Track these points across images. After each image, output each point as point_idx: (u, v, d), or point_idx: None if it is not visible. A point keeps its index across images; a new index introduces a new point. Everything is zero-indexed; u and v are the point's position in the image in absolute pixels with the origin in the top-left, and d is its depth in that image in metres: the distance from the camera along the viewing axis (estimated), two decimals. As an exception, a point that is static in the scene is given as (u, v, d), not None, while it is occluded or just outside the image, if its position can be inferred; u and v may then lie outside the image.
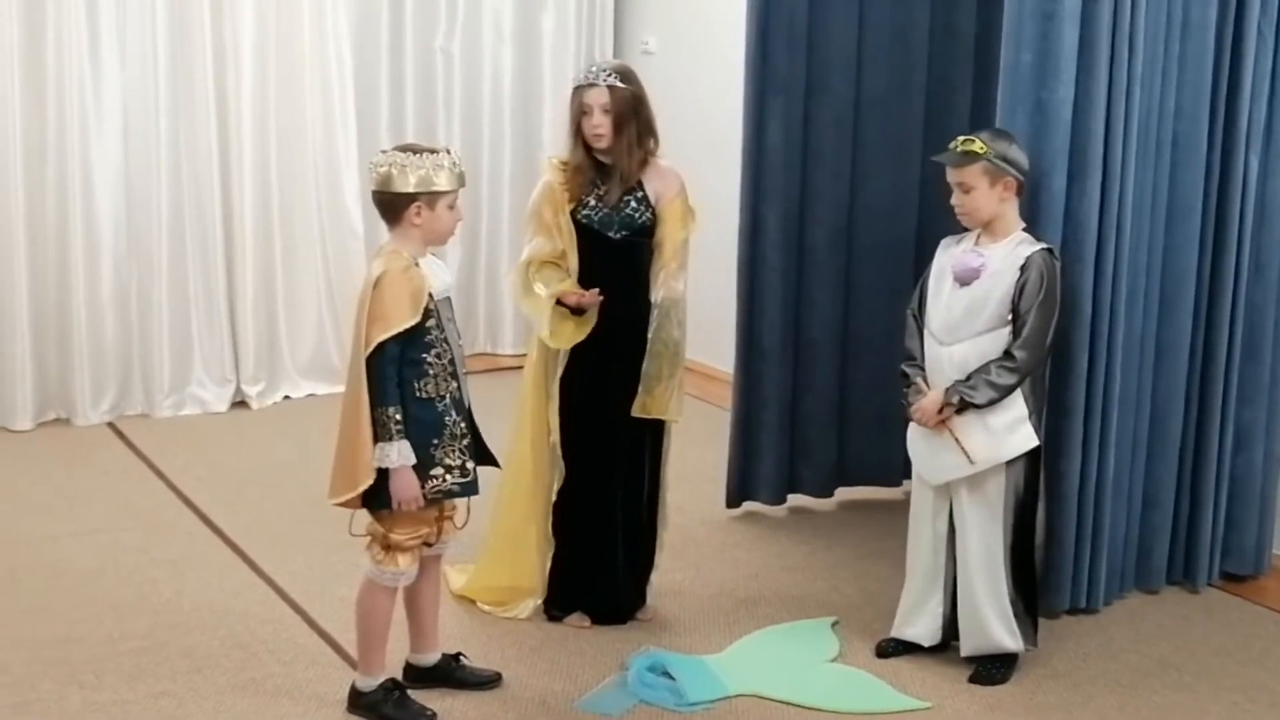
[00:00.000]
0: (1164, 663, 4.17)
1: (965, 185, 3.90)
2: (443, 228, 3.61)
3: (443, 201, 3.57)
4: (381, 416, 3.46)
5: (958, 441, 3.88)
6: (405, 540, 3.60)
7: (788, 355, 5.27)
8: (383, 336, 3.45)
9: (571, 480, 4.20)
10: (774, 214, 5.16)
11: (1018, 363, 3.83)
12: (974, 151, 3.85)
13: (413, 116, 7.16)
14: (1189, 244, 4.43)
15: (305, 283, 6.82)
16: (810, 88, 5.16)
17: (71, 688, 3.84)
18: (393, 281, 3.47)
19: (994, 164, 3.85)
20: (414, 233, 3.57)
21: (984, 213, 3.90)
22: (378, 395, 3.46)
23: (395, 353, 3.47)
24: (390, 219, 3.59)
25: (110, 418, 6.37)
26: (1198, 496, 4.65)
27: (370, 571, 3.67)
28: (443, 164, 3.55)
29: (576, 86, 4.11)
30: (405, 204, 3.53)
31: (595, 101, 4.04)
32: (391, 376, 3.47)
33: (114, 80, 6.27)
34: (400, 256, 3.53)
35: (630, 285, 4.14)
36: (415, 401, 3.52)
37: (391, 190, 3.53)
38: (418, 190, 3.52)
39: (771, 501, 5.36)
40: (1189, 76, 4.34)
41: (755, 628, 4.31)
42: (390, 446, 3.47)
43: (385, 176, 3.53)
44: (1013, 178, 3.88)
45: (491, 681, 3.90)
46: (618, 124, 4.06)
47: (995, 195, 3.88)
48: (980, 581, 3.96)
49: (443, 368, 3.56)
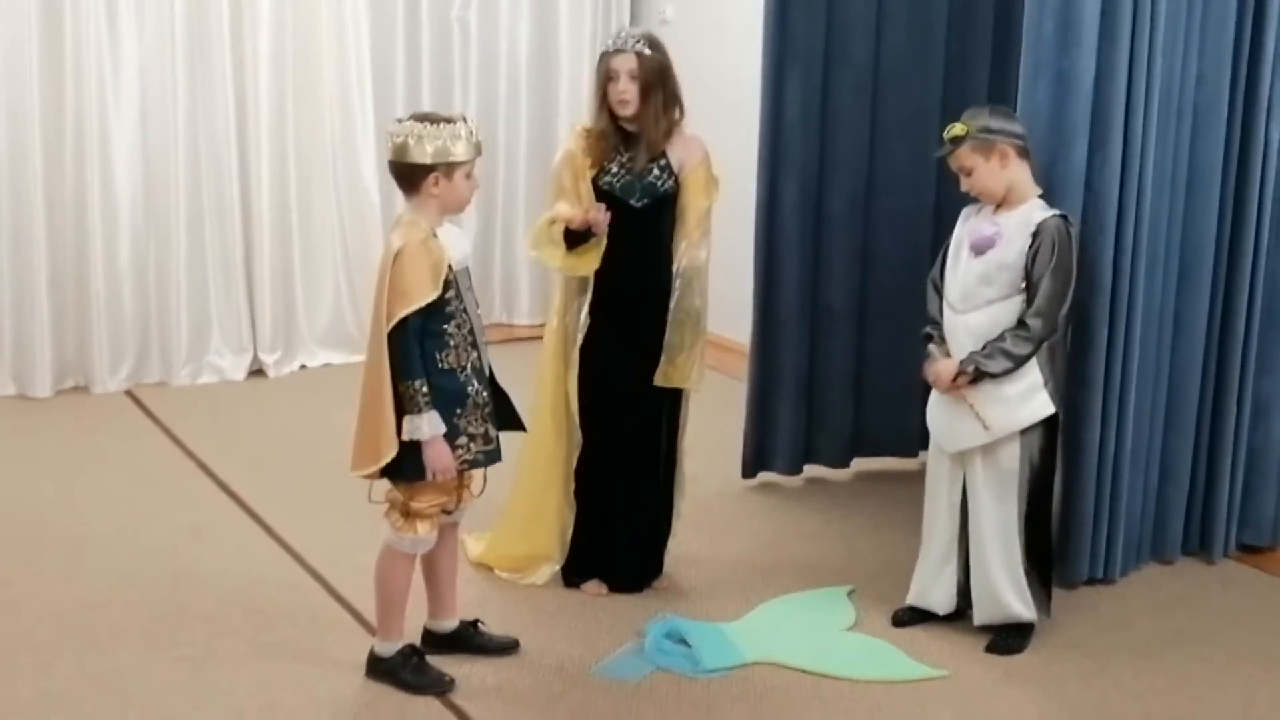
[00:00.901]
0: (1180, 633, 4.17)
1: (964, 168, 3.91)
2: (460, 197, 3.60)
3: (460, 171, 3.55)
4: (409, 390, 3.47)
5: (974, 409, 3.88)
6: (426, 508, 3.62)
7: (805, 325, 5.26)
8: (404, 312, 3.45)
9: (590, 448, 4.21)
10: (792, 183, 5.14)
11: (1031, 331, 3.82)
12: (956, 135, 3.86)
13: (429, 87, 7.14)
14: (1209, 213, 4.41)
15: (322, 252, 6.83)
16: (829, 56, 5.14)
17: (91, 652, 3.87)
18: (413, 255, 3.46)
19: (979, 138, 3.85)
20: (431, 203, 3.56)
21: (994, 187, 3.90)
22: (403, 369, 3.47)
23: (417, 326, 3.47)
24: (407, 189, 3.58)
25: (128, 385, 6.39)
26: (1215, 467, 4.64)
27: (389, 539, 3.68)
28: (459, 133, 3.53)
29: (604, 53, 4.09)
30: (422, 175, 3.52)
31: (622, 68, 4.03)
32: (415, 350, 3.47)
33: (131, 52, 6.27)
34: (418, 227, 3.53)
35: (652, 253, 4.14)
36: (438, 372, 3.52)
37: (408, 161, 3.52)
38: (435, 161, 3.50)
39: (788, 472, 5.36)
40: (1210, 44, 4.31)
41: (771, 596, 4.32)
42: (420, 419, 3.47)
43: (402, 147, 3.52)
44: (1005, 144, 3.87)
45: (509, 647, 3.91)
46: (644, 91, 4.05)
47: (995, 167, 3.88)
48: (994, 550, 3.96)
49: (463, 338, 3.57)
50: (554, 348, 4.24)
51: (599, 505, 4.27)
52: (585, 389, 4.20)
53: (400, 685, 3.69)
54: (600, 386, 4.19)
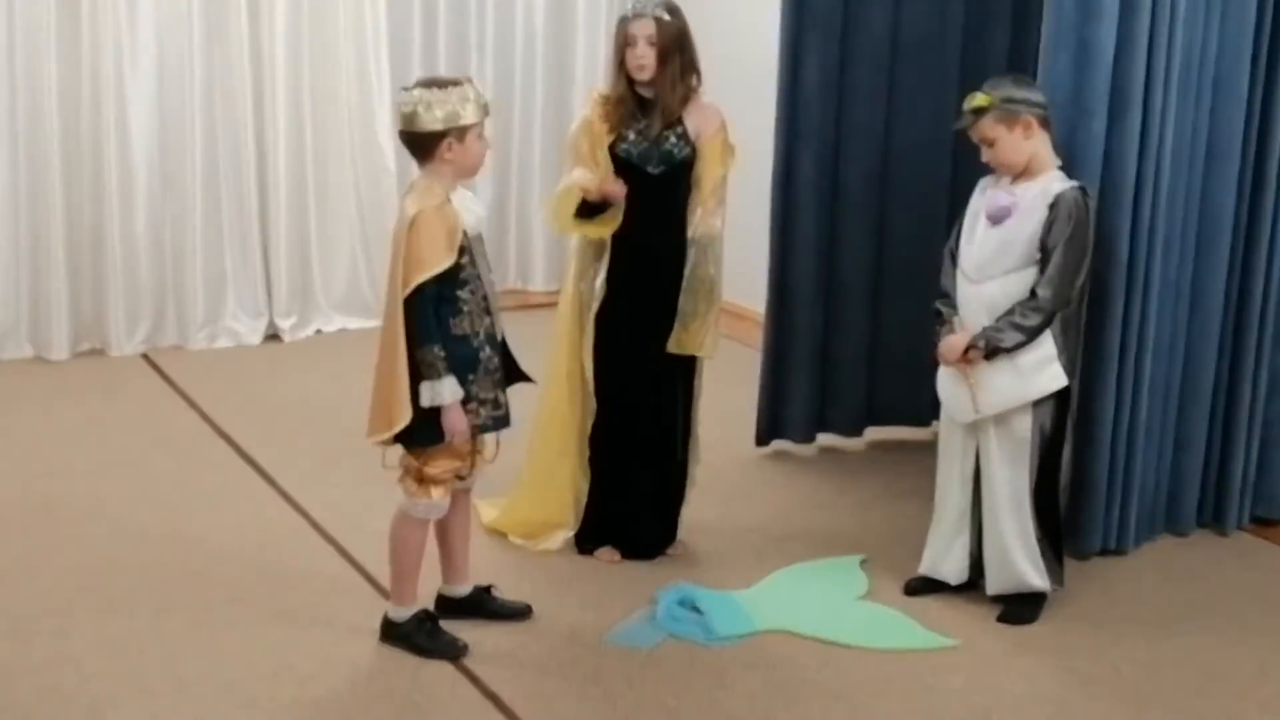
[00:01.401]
0: (1193, 606, 4.18)
1: (986, 139, 3.88)
2: (474, 159, 3.60)
3: (472, 133, 3.55)
4: (427, 355, 3.48)
5: (970, 387, 3.88)
6: (440, 474, 3.63)
7: (819, 295, 5.26)
8: (420, 278, 3.45)
9: (604, 415, 4.22)
10: (808, 153, 5.13)
11: (1040, 301, 3.81)
12: (980, 106, 3.83)
13: (445, 51, 7.12)
14: (1228, 186, 4.39)
15: (338, 217, 6.83)
16: (847, 25, 5.11)
17: (107, 616, 3.89)
18: (428, 221, 3.46)
19: (1003, 109, 3.82)
20: (446, 168, 3.55)
21: (1017, 159, 3.88)
22: (420, 335, 3.48)
23: (433, 293, 3.48)
24: (421, 156, 3.58)
25: (144, 349, 6.41)
26: (1229, 440, 4.63)
27: (403, 504, 3.70)
28: (468, 95, 3.52)
29: (623, 18, 4.07)
30: (435, 141, 3.51)
31: (641, 33, 4.02)
32: (431, 316, 3.48)
33: (148, 16, 6.26)
34: (433, 193, 3.53)
35: (667, 221, 4.14)
36: (450, 339, 3.53)
37: (420, 129, 3.50)
38: (446, 126, 3.49)
39: (801, 440, 5.37)
40: (1232, 17, 4.28)
41: (784, 564, 4.34)
42: (441, 384, 3.49)
43: (411, 115, 3.50)
44: (1029, 115, 3.84)
45: (522, 613, 3.93)
46: (662, 57, 4.04)
47: (1018, 138, 3.85)
48: (1007, 519, 3.97)
49: (477, 303, 3.57)
50: (569, 315, 4.24)
51: (613, 472, 4.28)
52: (601, 356, 4.20)
53: (414, 650, 3.72)
54: (616, 354, 4.20)
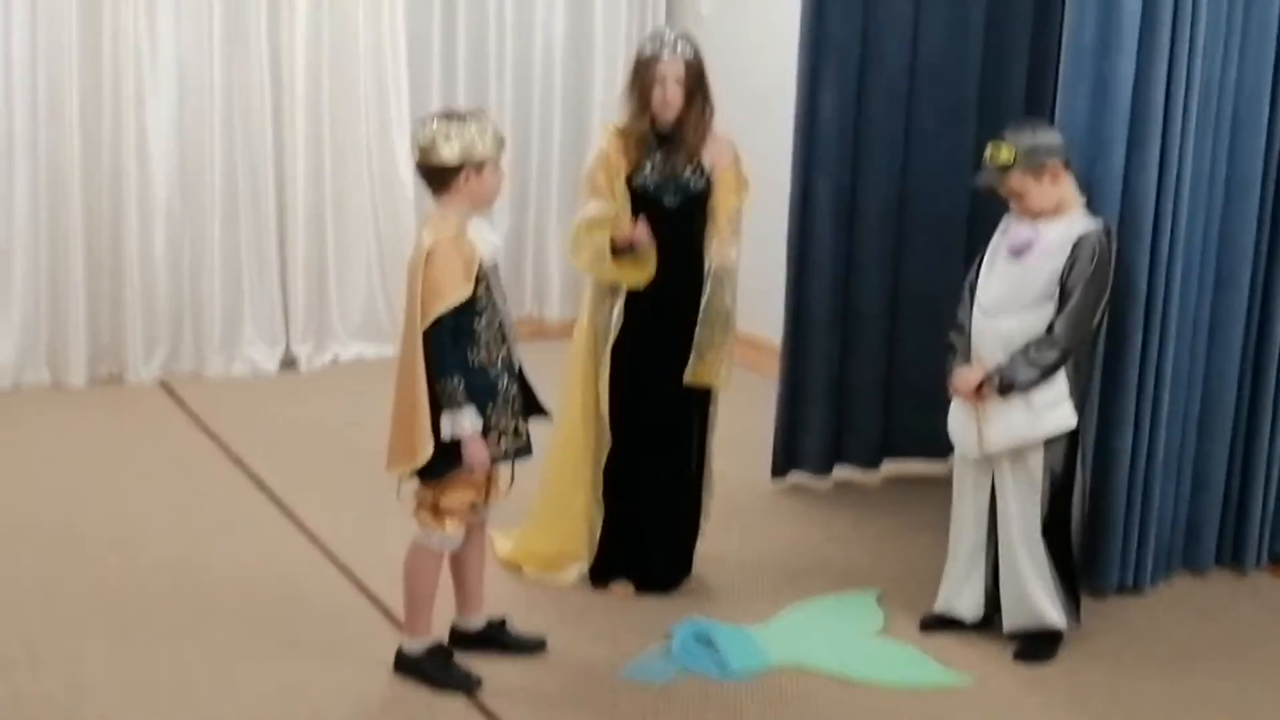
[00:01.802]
0: (1210, 645, 4.15)
1: (1015, 192, 3.86)
2: (489, 192, 3.61)
3: (488, 166, 3.56)
4: (447, 386, 3.48)
5: (978, 422, 3.86)
6: (456, 505, 3.63)
7: (836, 326, 5.25)
8: (440, 310, 3.45)
9: (620, 448, 4.21)
10: (825, 183, 5.13)
11: (1056, 337, 3.79)
12: (1006, 164, 3.81)
13: (464, 80, 7.16)
14: (1247, 221, 4.38)
15: (356, 245, 6.85)
16: (865, 56, 5.12)
17: (121, 643, 3.89)
18: (444, 253, 3.47)
19: (1029, 162, 3.81)
20: (461, 200, 3.56)
21: (1046, 206, 3.86)
22: (440, 367, 3.48)
23: (451, 324, 3.48)
24: (437, 188, 3.58)
25: (161, 375, 6.43)
26: (1249, 477, 4.60)
27: (418, 536, 3.69)
28: (485, 129, 3.54)
29: (651, 57, 4.06)
30: (452, 174, 3.52)
31: (669, 74, 4.04)
32: (450, 347, 3.48)
33: (169, 41, 6.30)
34: (449, 224, 3.53)
35: (684, 252, 4.15)
36: (469, 369, 3.53)
37: (436, 162, 3.51)
38: (463, 160, 3.50)
39: (817, 473, 5.35)
40: (1252, 51, 4.28)
41: (799, 598, 4.31)
42: (460, 415, 3.49)
43: (428, 149, 3.51)
44: (1053, 162, 3.83)
45: (536, 646, 3.92)
46: (689, 96, 4.07)
47: (1046, 186, 3.84)
48: (1024, 556, 3.94)
49: (494, 333, 3.58)
50: (584, 346, 4.24)
51: (628, 505, 4.27)
52: (617, 388, 4.20)
53: (428, 682, 3.70)
54: (632, 385, 4.19)
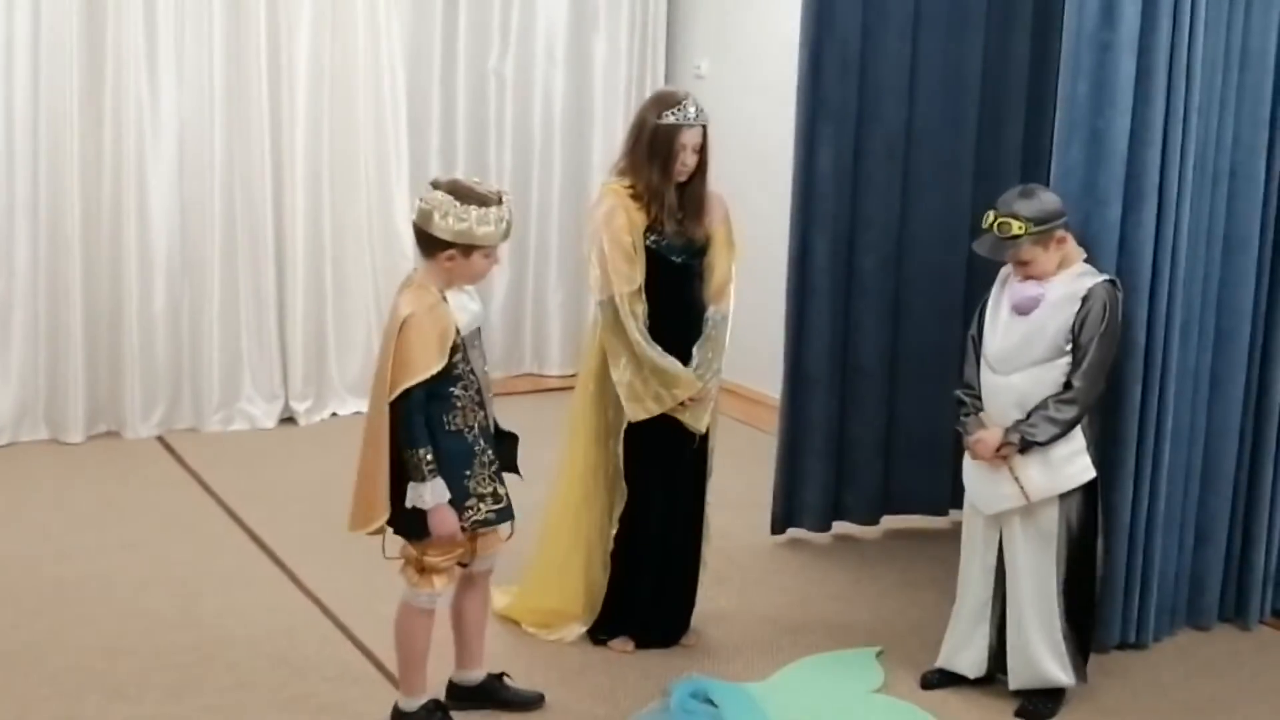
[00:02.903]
0: (1214, 701, 4.12)
1: (1021, 261, 3.86)
2: (473, 274, 3.57)
3: (478, 252, 3.52)
4: (413, 459, 3.46)
5: (1015, 479, 3.84)
6: (440, 562, 3.61)
7: (835, 382, 5.25)
8: (408, 383, 3.43)
9: (631, 504, 4.21)
10: (823, 240, 5.14)
11: (1076, 394, 3.79)
12: (1014, 235, 3.81)
13: (464, 138, 7.19)
14: (1246, 275, 4.39)
15: (355, 302, 6.86)
16: (861, 114, 5.14)
17: (116, 700, 3.86)
18: (419, 325, 3.43)
19: (1037, 234, 3.81)
20: (444, 276, 3.54)
21: (1050, 270, 3.87)
22: (406, 438, 3.45)
23: (421, 398, 3.46)
24: (424, 252, 3.56)
25: (159, 431, 6.42)
26: (1251, 532, 4.59)
27: (406, 594, 3.67)
28: (488, 218, 3.47)
29: (675, 125, 4.06)
30: (440, 247, 3.50)
31: (693, 142, 4.08)
32: (419, 419, 3.46)
33: (170, 100, 6.33)
34: (428, 291, 3.51)
35: (691, 307, 4.20)
36: (445, 435, 3.51)
37: (429, 231, 3.49)
38: (454, 240, 3.47)
39: (817, 528, 5.33)
40: (1247, 106, 4.30)
41: (799, 656, 4.29)
42: (423, 487, 3.46)
43: (426, 215, 3.48)
44: (1059, 227, 3.84)
45: (534, 703, 3.89)
46: (701, 160, 4.13)
47: (1053, 252, 3.85)
48: (1032, 614, 3.92)
49: (470, 399, 3.56)
50: (588, 405, 4.23)
51: (635, 563, 4.26)
52: (629, 445, 4.20)
53: None
54: (642, 443, 4.19)
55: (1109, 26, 4.02)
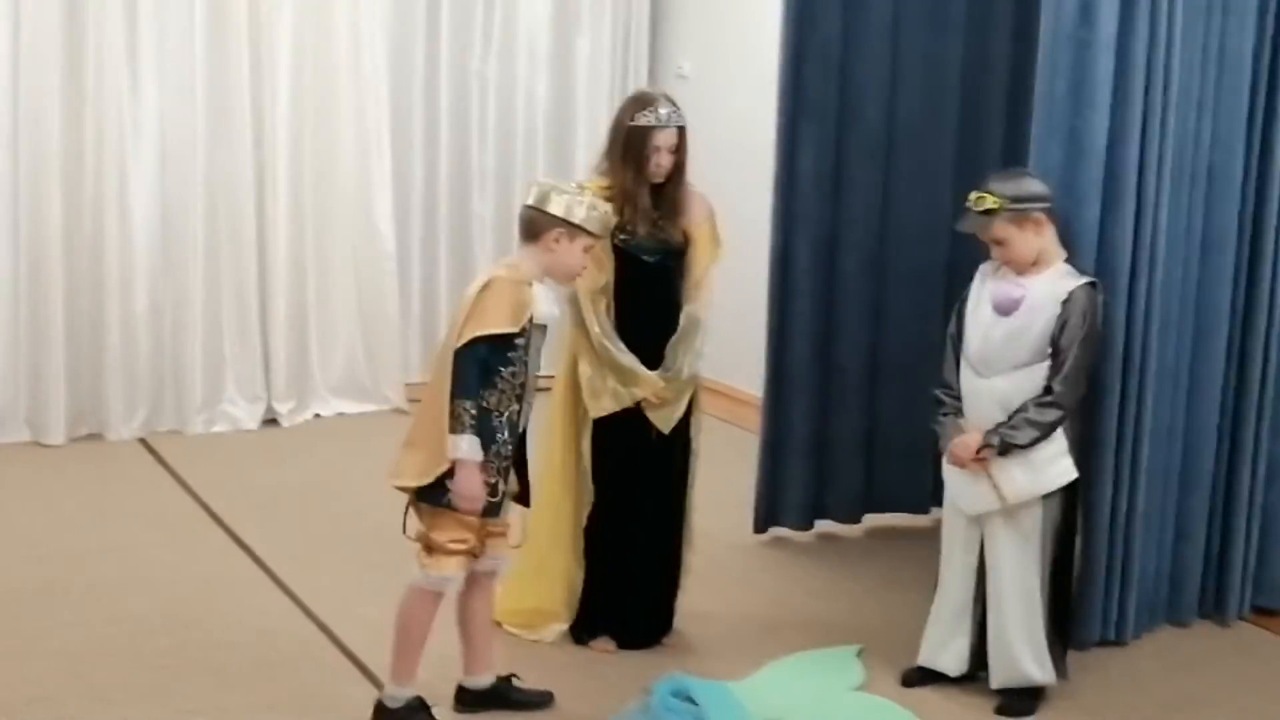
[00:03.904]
0: (1193, 698, 4.14)
1: (997, 239, 3.88)
2: (571, 264, 3.67)
3: (581, 240, 3.63)
4: (458, 408, 3.49)
5: (993, 482, 3.86)
6: (448, 542, 3.60)
7: (817, 381, 5.26)
8: (477, 333, 3.49)
9: (602, 505, 4.21)
10: (805, 240, 5.16)
11: (1057, 397, 3.80)
12: (990, 209, 3.83)
13: (446, 139, 7.20)
14: (1223, 275, 4.41)
15: (337, 302, 6.86)
16: (843, 114, 5.16)
17: (98, 703, 3.85)
18: (502, 288, 3.54)
19: (1014, 210, 3.83)
20: (544, 257, 3.63)
21: (1027, 256, 3.88)
22: (459, 387, 3.50)
23: (483, 353, 3.51)
24: (528, 236, 3.65)
25: (142, 433, 6.41)
26: (1229, 529, 4.61)
27: (416, 576, 3.66)
28: (597, 208, 3.65)
29: (649, 127, 4.08)
30: (548, 226, 3.60)
31: (666, 144, 4.09)
32: (475, 373, 3.51)
33: (152, 100, 6.33)
34: (518, 270, 3.61)
35: (664, 307, 4.19)
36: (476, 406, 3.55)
37: (543, 209, 3.61)
38: (567, 218, 3.59)
39: (799, 527, 5.35)
40: (1225, 106, 4.33)
41: (780, 654, 4.30)
42: (461, 438, 3.49)
43: (544, 194, 3.63)
44: (1037, 211, 3.86)
45: (544, 702, 3.90)
46: (678, 162, 4.13)
47: (1029, 235, 3.86)
48: (1013, 613, 3.93)
49: (512, 387, 3.59)
50: (564, 405, 4.24)
51: (610, 562, 4.26)
52: (600, 444, 4.21)
53: None
54: (612, 440, 4.20)
55: (1087, 26, 4.04)
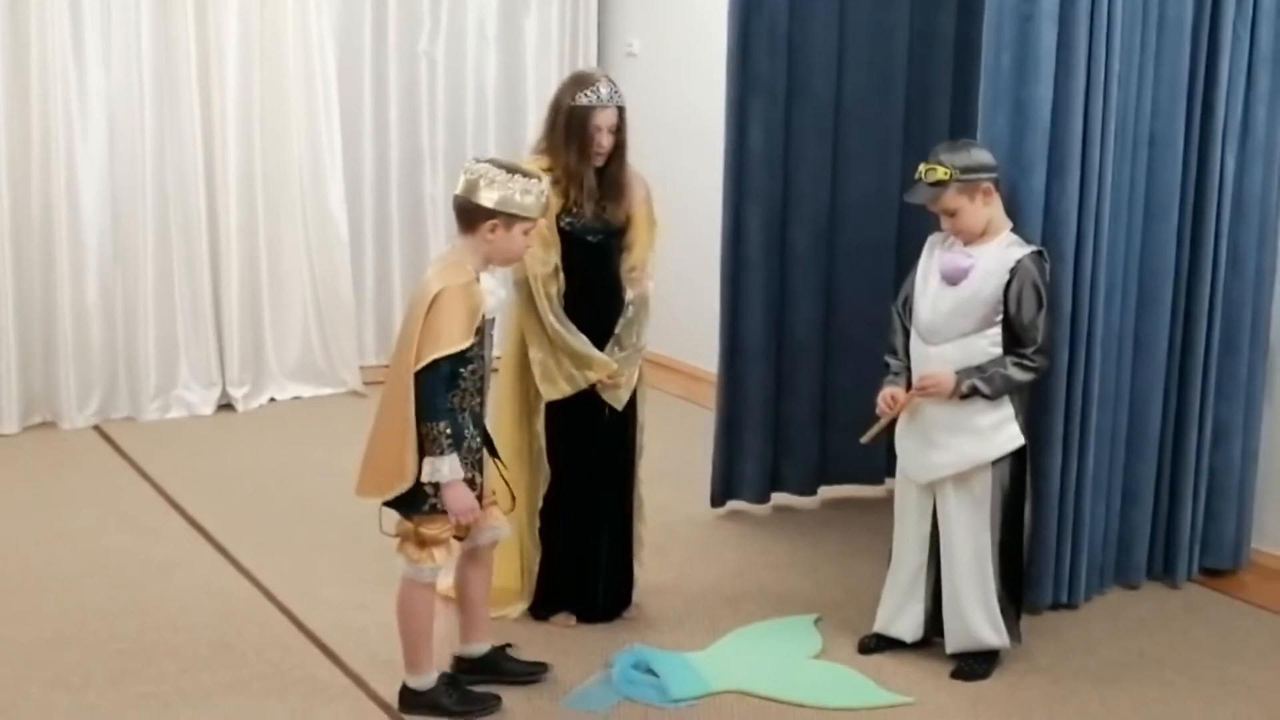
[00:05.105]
0: (1144, 657, 4.21)
1: (948, 210, 3.92)
2: (512, 250, 3.64)
3: (520, 225, 3.59)
4: (432, 432, 3.48)
5: (887, 420, 3.95)
6: (438, 533, 3.62)
7: (770, 355, 5.30)
8: (436, 355, 3.46)
9: (556, 483, 4.24)
10: (756, 215, 5.19)
11: (1036, 364, 3.88)
12: (941, 180, 3.87)
13: (396, 120, 7.17)
14: (1167, 240, 4.47)
15: (291, 286, 6.84)
16: (791, 90, 5.19)
17: (58, 690, 3.85)
18: (452, 300, 3.48)
19: (963, 180, 3.87)
20: (484, 248, 3.59)
21: (977, 226, 3.92)
22: (428, 411, 3.48)
23: (446, 371, 3.49)
24: (465, 227, 3.61)
25: (96, 421, 6.38)
26: (1177, 492, 4.68)
27: (408, 571, 3.67)
28: (531, 189, 3.57)
29: (587, 106, 4.08)
30: (482, 218, 3.56)
31: (606, 123, 4.09)
32: (442, 393, 3.50)
33: (98, 86, 6.28)
34: (463, 270, 3.56)
35: (607, 286, 4.23)
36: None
37: (473, 200, 3.55)
38: (497, 208, 3.54)
39: (755, 500, 5.39)
40: (1166, 74, 4.38)
41: (739, 625, 4.34)
42: (441, 461, 3.49)
43: (471, 185, 3.56)
44: (986, 181, 3.90)
45: (538, 673, 3.93)
46: (618, 141, 4.13)
47: (979, 205, 3.90)
48: (966, 579, 3.99)
49: (473, 383, 3.59)
50: (513, 386, 4.26)
51: (568, 539, 4.29)
52: (553, 425, 4.23)
53: (445, 714, 3.70)
54: (566, 419, 4.22)
55: (1030, -2, 4.08)
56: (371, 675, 3.94)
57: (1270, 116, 4.57)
